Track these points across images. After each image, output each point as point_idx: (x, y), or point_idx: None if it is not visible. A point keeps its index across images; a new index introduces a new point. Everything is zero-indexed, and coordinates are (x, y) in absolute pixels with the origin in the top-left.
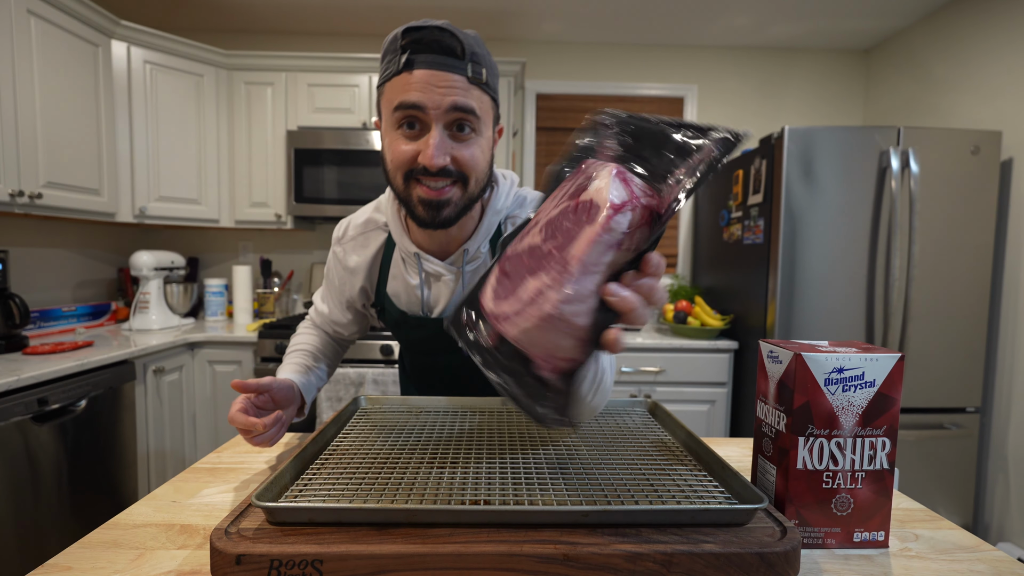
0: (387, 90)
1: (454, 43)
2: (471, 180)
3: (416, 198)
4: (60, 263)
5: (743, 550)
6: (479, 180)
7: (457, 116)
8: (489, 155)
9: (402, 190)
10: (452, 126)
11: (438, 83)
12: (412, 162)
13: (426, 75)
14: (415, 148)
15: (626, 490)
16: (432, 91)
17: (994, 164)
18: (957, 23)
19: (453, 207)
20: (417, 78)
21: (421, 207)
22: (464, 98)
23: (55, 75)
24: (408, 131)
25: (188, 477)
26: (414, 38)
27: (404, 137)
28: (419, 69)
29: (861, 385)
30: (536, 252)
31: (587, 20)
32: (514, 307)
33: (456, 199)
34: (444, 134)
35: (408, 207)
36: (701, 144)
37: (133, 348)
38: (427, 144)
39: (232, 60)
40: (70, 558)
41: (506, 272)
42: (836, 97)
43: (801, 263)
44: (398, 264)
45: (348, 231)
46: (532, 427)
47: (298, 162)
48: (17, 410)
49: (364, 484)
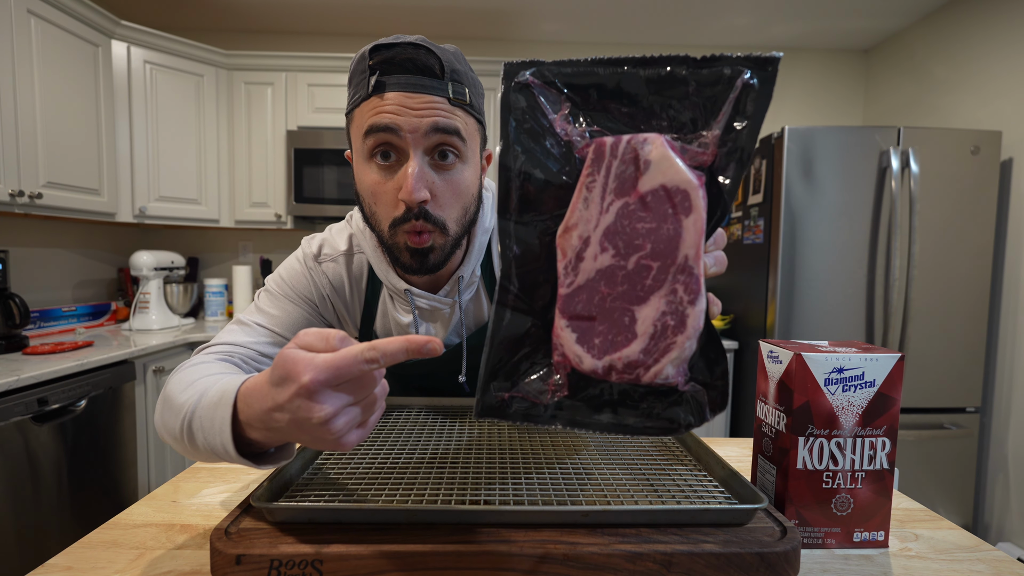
0: (355, 116)
1: (431, 60)
2: (450, 223)
3: (403, 244)
4: (60, 263)
5: (743, 550)
6: (460, 219)
7: (439, 140)
8: (478, 185)
9: (387, 236)
10: (433, 152)
11: (415, 105)
12: (396, 205)
13: (400, 97)
14: (393, 185)
15: (626, 490)
16: (407, 113)
17: (994, 164)
18: (957, 23)
19: (439, 252)
20: (390, 100)
21: (408, 254)
22: (447, 118)
23: (55, 75)
24: (382, 162)
25: (188, 477)
26: (384, 57)
27: (378, 169)
28: (391, 92)
29: (861, 385)
30: (620, 273)
31: (587, 20)
32: (643, 345)
33: (439, 244)
34: (424, 161)
35: (393, 254)
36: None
37: (133, 348)
38: (405, 175)
39: (232, 60)
40: (70, 558)
41: (583, 316)
42: (836, 97)
43: (801, 263)
44: (385, 301)
45: (324, 250)
46: (532, 427)
47: (298, 162)
48: (17, 410)
49: (364, 484)
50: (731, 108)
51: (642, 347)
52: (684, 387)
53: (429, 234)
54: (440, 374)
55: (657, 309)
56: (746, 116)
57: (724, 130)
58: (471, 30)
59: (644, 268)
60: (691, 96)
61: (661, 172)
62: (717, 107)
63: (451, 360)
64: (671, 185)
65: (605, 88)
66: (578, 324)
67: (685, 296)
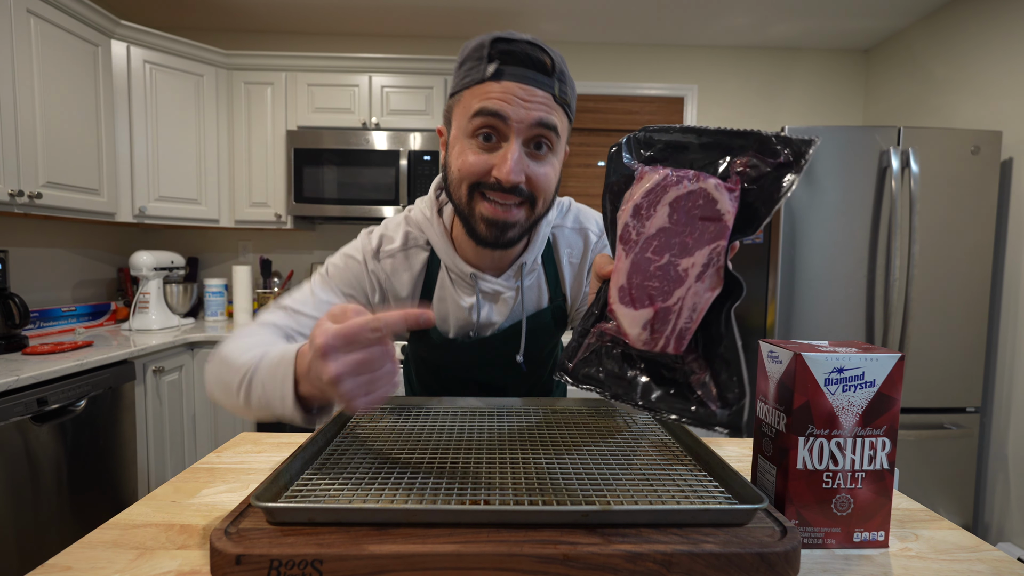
0: (464, 96)
1: (544, 58)
2: (539, 202)
3: (479, 215)
4: (60, 263)
5: (743, 550)
6: (546, 202)
7: (538, 133)
8: (559, 176)
9: (464, 204)
10: (531, 143)
11: (525, 97)
12: (483, 175)
13: (514, 87)
14: (488, 161)
15: (626, 490)
16: (517, 103)
17: (994, 164)
18: (957, 23)
19: (518, 229)
20: (504, 88)
21: (483, 225)
22: (549, 115)
23: (55, 75)
24: (483, 143)
25: (188, 477)
26: (504, 48)
27: (478, 148)
28: (508, 80)
29: (861, 385)
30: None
31: (587, 20)
32: None
33: (522, 220)
34: (522, 150)
35: (468, 223)
36: None
37: (133, 348)
38: (504, 158)
39: (232, 60)
40: (70, 558)
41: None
42: (836, 97)
43: (801, 263)
44: (445, 286)
45: (384, 245)
46: (532, 427)
47: (298, 162)
48: (17, 410)
49: (364, 484)
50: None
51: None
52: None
53: (518, 208)
54: (500, 356)
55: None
56: None
57: None
58: (471, 30)
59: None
60: None
61: (713, 206)
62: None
63: (509, 340)
64: (718, 217)
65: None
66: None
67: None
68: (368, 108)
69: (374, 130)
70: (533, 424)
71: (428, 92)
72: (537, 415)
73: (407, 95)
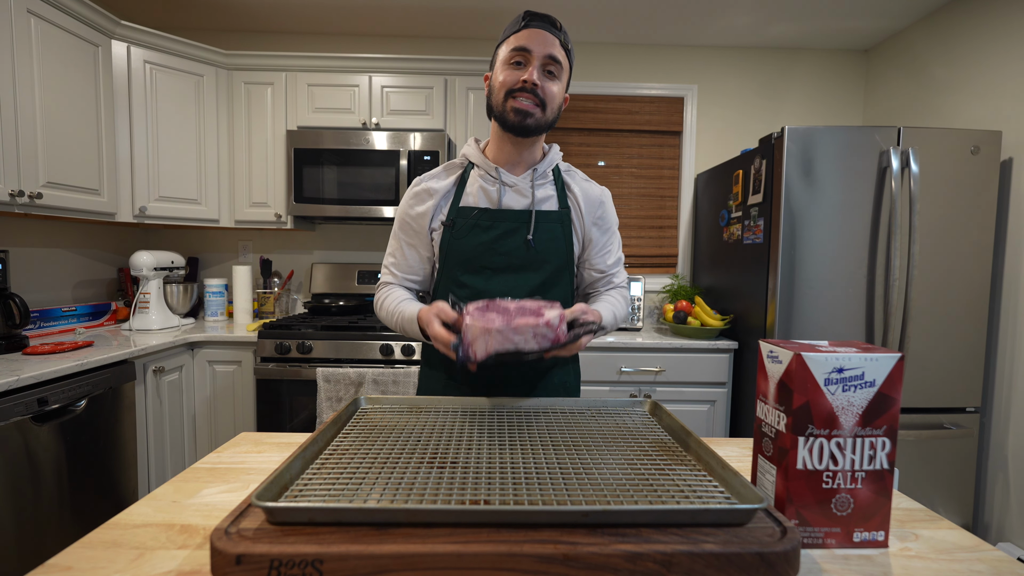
0: (507, 42)
1: (555, 20)
2: (548, 107)
3: (510, 108)
4: (60, 263)
5: (743, 550)
6: (553, 109)
7: (549, 61)
8: (561, 98)
9: (500, 104)
10: (544, 68)
11: (542, 40)
12: (515, 84)
13: (536, 32)
14: (519, 75)
15: (626, 490)
16: (537, 42)
17: (994, 164)
18: (957, 23)
19: (534, 120)
20: (529, 32)
21: (513, 114)
22: (556, 51)
23: (55, 75)
24: (515, 67)
25: (188, 477)
26: (531, 12)
27: (512, 68)
28: (531, 28)
29: (861, 385)
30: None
31: (587, 20)
32: None
33: (537, 116)
34: (540, 70)
35: (502, 118)
36: None
37: (133, 348)
38: (529, 72)
39: (232, 60)
40: (70, 558)
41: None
42: (836, 97)
43: (801, 263)
44: (475, 182)
45: (424, 175)
46: (532, 427)
47: (298, 162)
48: (17, 410)
49: (364, 484)
50: None
51: None
52: None
53: (536, 106)
54: (514, 239)
55: None
56: None
57: None
58: (471, 30)
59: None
60: None
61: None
62: None
63: (523, 225)
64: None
65: None
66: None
67: None
68: (368, 108)
69: (374, 130)
70: (533, 424)
71: (428, 92)
72: (537, 415)
73: (407, 95)
